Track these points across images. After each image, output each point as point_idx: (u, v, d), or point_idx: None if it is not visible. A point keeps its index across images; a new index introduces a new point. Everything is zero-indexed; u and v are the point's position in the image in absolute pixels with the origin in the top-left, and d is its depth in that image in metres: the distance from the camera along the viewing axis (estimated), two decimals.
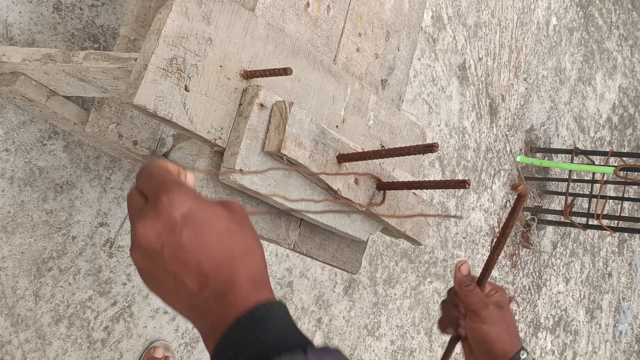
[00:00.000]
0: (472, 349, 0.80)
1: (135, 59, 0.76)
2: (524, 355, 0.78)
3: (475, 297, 0.77)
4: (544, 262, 2.90)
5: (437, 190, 2.18)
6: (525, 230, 2.72)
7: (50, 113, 1.10)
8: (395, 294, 2.03)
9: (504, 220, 2.59)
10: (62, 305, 1.23)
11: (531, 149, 2.71)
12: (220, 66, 0.74)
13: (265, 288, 0.49)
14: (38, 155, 1.17)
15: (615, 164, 2.47)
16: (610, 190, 3.35)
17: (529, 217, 2.70)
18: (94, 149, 1.25)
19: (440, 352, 2.24)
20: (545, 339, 2.96)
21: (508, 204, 2.60)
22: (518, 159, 2.63)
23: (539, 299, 2.88)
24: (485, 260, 0.99)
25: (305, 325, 1.75)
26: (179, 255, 0.47)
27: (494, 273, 2.56)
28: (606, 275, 3.45)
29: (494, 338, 0.76)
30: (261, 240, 1.36)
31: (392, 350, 2.04)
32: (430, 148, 0.72)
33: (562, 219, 2.71)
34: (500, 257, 2.58)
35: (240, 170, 0.73)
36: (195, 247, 0.47)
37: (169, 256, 0.47)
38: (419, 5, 1.08)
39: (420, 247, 2.14)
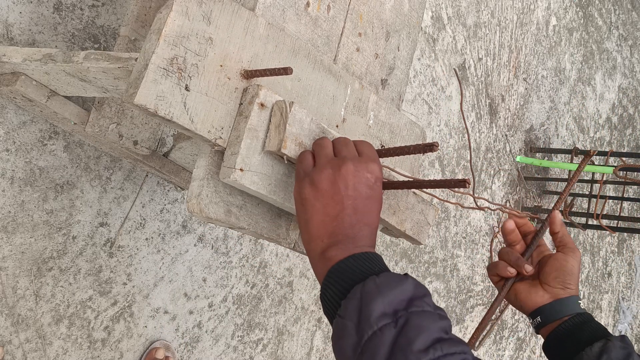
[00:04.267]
0: (528, 289, 0.91)
1: (136, 59, 0.76)
2: (580, 297, 0.91)
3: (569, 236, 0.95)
4: None
5: (436, 189, 2.18)
6: None
7: (50, 113, 1.10)
8: None
9: (503, 220, 2.59)
10: (63, 305, 1.23)
11: (531, 149, 2.71)
12: (221, 66, 0.75)
13: (374, 242, 0.70)
14: (38, 155, 1.17)
15: (615, 164, 2.47)
16: (609, 190, 3.36)
17: (529, 217, 2.70)
18: (95, 149, 1.25)
19: None
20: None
21: (508, 204, 2.61)
22: (518, 159, 2.63)
23: None
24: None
25: (305, 325, 1.75)
26: (359, 202, 0.68)
27: None
28: (606, 275, 3.45)
29: (574, 270, 0.89)
30: (262, 240, 1.36)
31: None
32: (430, 147, 0.73)
33: (562, 219, 2.71)
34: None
35: (240, 169, 0.73)
36: (368, 205, 0.69)
37: (354, 196, 0.68)
38: (419, 5, 1.09)
39: (420, 246, 2.14)
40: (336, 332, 0.62)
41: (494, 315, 2.57)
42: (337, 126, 0.90)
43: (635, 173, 3.55)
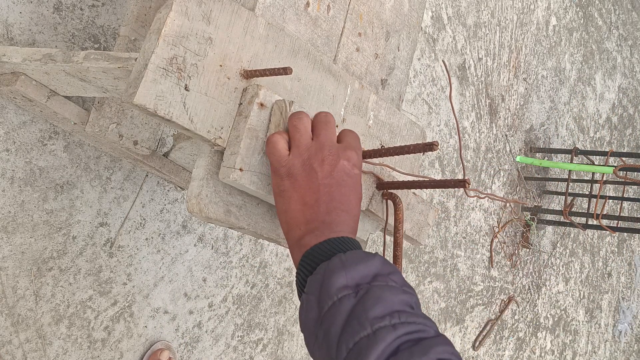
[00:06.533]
0: None
1: (136, 59, 0.76)
2: None
3: None
4: (543, 262, 2.90)
5: (436, 190, 2.18)
6: (524, 230, 2.72)
7: (50, 113, 1.10)
8: None
9: (503, 220, 2.59)
10: (63, 305, 1.23)
11: (531, 149, 2.71)
12: (220, 66, 0.75)
13: (354, 229, 0.69)
14: (38, 155, 1.17)
15: (615, 164, 2.47)
16: (609, 190, 3.36)
17: (529, 217, 2.70)
18: (95, 149, 1.25)
19: None
20: (545, 339, 2.96)
21: (507, 205, 2.61)
22: (518, 159, 2.63)
23: (538, 298, 2.88)
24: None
25: None
26: (335, 189, 0.67)
27: (494, 273, 2.56)
28: (606, 275, 3.45)
29: None
30: (262, 240, 1.36)
31: None
32: (430, 147, 0.73)
33: (562, 219, 2.71)
34: (500, 257, 2.59)
35: (240, 169, 0.73)
36: (344, 192, 0.68)
37: (329, 184, 0.67)
38: (419, 5, 1.09)
39: (420, 247, 2.14)
40: (301, 308, 0.62)
41: (494, 315, 2.57)
42: (337, 126, 0.90)
43: (635, 173, 3.55)
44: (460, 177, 2.29)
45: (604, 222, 2.56)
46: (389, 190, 0.86)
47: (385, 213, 0.88)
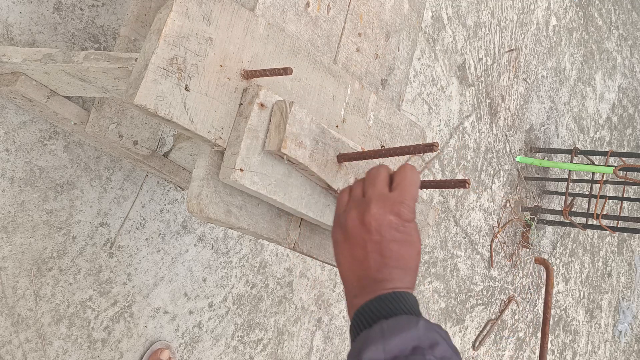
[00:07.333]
0: None
1: (136, 59, 0.76)
2: None
3: None
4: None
5: (436, 190, 2.18)
6: (524, 230, 2.72)
7: (50, 113, 1.10)
8: None
9: (503, 220, 2.59)
10: (63, 305, 1.23)
11: (531, 149, 2.71)
12: (221, 66, 0.75)
13: (410, 283, 0.67)
14: (38, 155, 1.17)
15: (615, 164, 2.47)
16: (609, 190, 3.36)
17: (529, 217, 2.70)
18: (95, 149, 1.25)
19: None
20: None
21: (508, 204, 2.61)
22: (518, 159, 2.63)
23: (538, 298, 2.88)
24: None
25: (305, 325, 1.75)
26: (384, 246, 0.65)
27: (495, 273, 2.56)
28: (606, 275, 3.45)
29: None
30: (262, 240, 1.36)
31: None
32: (430, 147, 0.73)
33: (562, 219, 2.71)
34: (500, 257, 2.59)
35: (240, 169, 0.73)
36: (395, 248, 0.65)
37: (377, 241, 0.65)
38: (419, 6, 1.09)
39: (420, 247, 2.13)
40: None
41: (494, 315, 2.57)
42: (337, 126, 0.90)
43: (635, 173, 3.55)
44: (460, 176, 2.29)
45: (604, 222, 2.56)
46: (542, 258, 0.84)
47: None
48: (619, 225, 2.86)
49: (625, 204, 3.58)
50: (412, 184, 0.69)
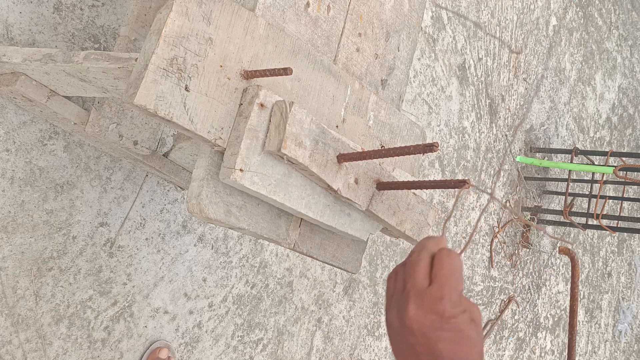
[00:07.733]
0: None
1: (136, 59, 0.76)
2: None
3: None
4: (543, 262, 2.90)
5: (437, 190, 2.19)
6: (524, 230, 2.72)
7: (50, 113, 1.10)
8: None
9: (503, 220, 2.59)
10: (63, 305, 1.23)
11: (531, 149, 2.71)
12: (221, 66, 0.75)
13: None
14: (38, 155, 1.17)
15: (615, 164, 2.47)
16: (609, 190, 3.36)
17: (529, 217, 2.70)
18: (95, 149, 1.25)
19: None
20: (545, 339, 2.97)
21: (508, 204, 2.61)
22: (518, 159, 2.63)
23: (538, 298, 2.88)
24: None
25: (305, 325, 1.75)
26: (433, 347, 0.59)
27: (494, 273, 2.56)
28: (606, 275, 3.45)
29: None
30: (262, 240, 1.36)
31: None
32: (430, 147, 0.73)
33: (562, 219, 2.71)
34: (500, 257, 2.59)
35: (240, 170, 0.73)
36: (445, 347, 0.59)
37: (424, 343, 0.59)
38: (419, 6, 1.09)
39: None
40: None
41: (494, 315, 2.57)
42: (337, 126, 0.90)
43: (635, 173, 3.55)
44: (460, 176, 2.29)
45: (604, 222, 2.56)
46: (567, 247, 0.82)
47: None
48: (619, 225, 2.86)
49: (625, 204, 3.58)
50: (451, 273, 0.61)
